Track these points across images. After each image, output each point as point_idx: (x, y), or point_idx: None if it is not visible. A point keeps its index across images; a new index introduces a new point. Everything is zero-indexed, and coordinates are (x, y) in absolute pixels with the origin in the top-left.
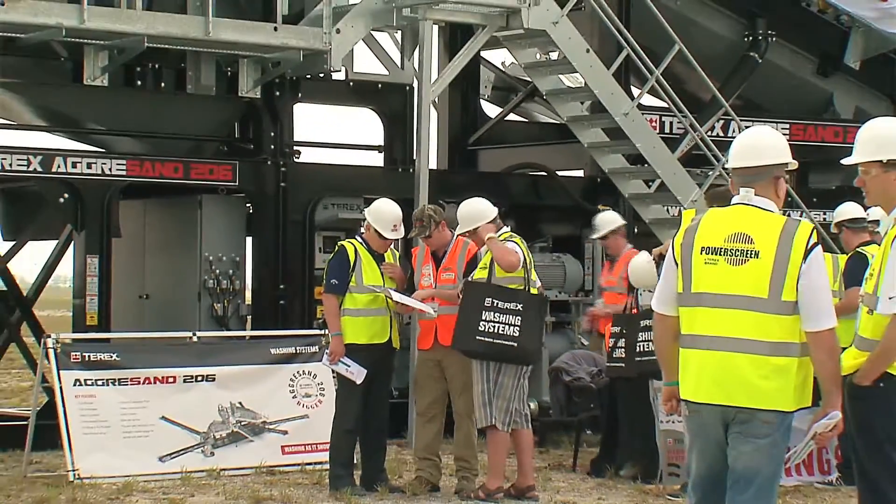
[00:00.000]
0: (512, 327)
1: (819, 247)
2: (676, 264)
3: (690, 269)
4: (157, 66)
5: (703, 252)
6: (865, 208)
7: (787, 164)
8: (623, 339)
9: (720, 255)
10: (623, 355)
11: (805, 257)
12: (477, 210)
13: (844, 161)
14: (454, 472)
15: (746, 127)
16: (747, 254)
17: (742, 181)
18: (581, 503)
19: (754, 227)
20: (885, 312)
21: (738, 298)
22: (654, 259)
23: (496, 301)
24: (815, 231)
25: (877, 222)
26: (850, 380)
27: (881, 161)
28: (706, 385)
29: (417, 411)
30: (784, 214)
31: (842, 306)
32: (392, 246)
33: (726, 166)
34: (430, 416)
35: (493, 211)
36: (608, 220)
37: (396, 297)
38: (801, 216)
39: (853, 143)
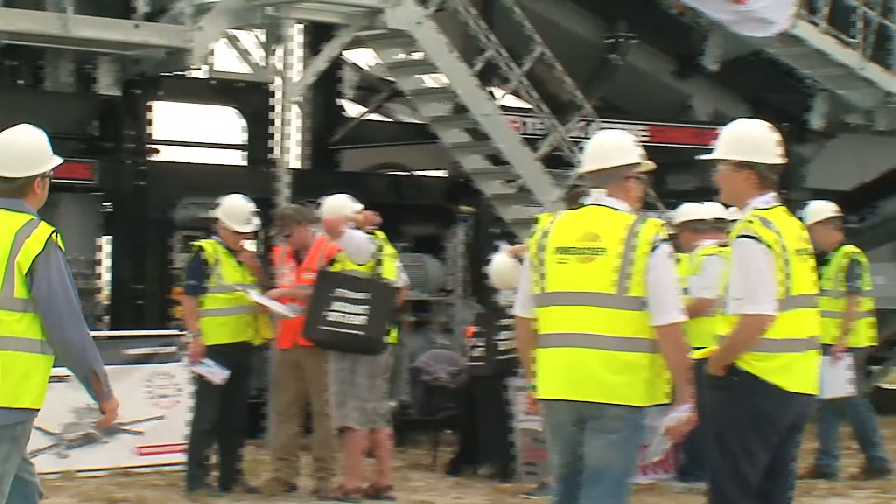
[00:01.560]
0: (359, 317)
1: (666, 242)
2: (533, 265)
3: (544, 270)
4: (14, 62)
5: (556, 252)
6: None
7: (636, 164)
8: (482, 338)
9: (571, 254)
10: (482, 354)
11: (651, 253)
12: (340, 204)
13: (703, 157)
14: (312, 472)
15: (607, 128)
16: (595, 251)
17: (594, 183)
18: (439, 502)
19: (603, 226)
20: (732, 313)
21: (586, 295)
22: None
23: (345, 291)
24: (662, 228)
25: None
26: (707, 371)
27: (733, 161)
28: (559, 382)
29: (276, 411)
30: (643, 214)
31: (693, 307)
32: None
33: (579, 170)
34: (289, 416)
35: (354, 206)
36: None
37: (255, 297)
38: (658, 217)
39: (710, 145)
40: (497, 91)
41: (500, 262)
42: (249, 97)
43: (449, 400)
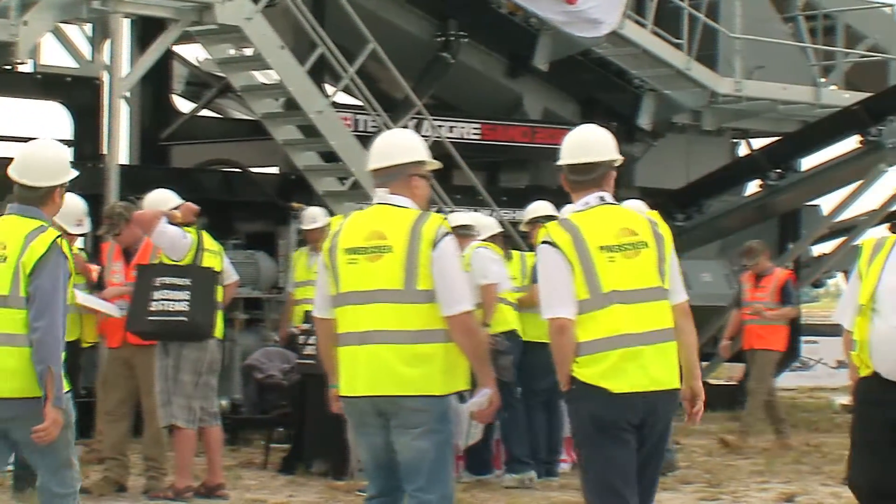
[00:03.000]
0: (181, 302)
1: (450, 235)
2: (327, 267)
3: (337, 271)
4: None
5: (347, 253)
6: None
7: (420, 162)
8: (314, 336)
9: (359, 254)
10: (314, 352)
11: (434, 247)
12: (161, 198)
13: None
14: (142, 471)
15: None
16: (382, 249)
17: (379, 181)
18: (271, 500)
19: (388, 224)
20: (543, 317)
21: (377, 293)
22: None
23: (165, 279)
24: (444, 222)
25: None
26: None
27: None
28: (359, 379)
29: (105, 410)
30: (436, 212)
31: (526, 299)
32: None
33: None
34: (119, 415)
35: (174, 201)
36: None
37: (81, 297)
38: (490, 215)
39: (541, 144)
40: (329, 88)
41: None
42: (77, 92)
43: (281, 398)
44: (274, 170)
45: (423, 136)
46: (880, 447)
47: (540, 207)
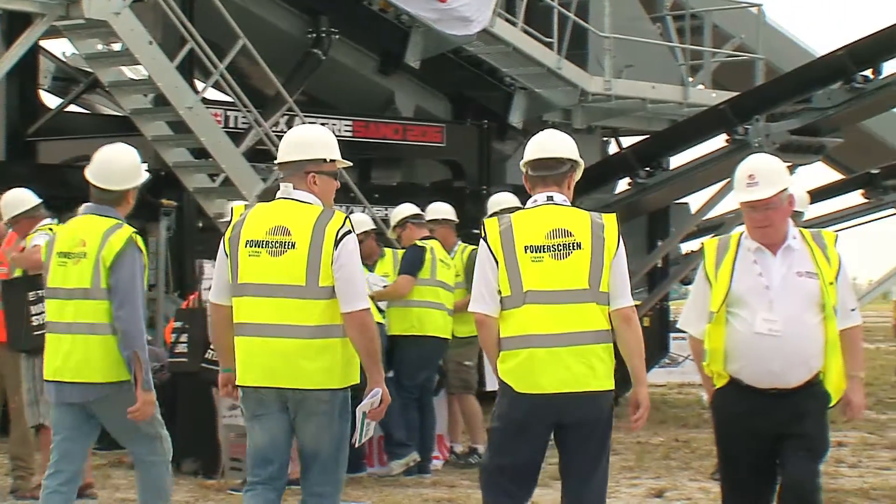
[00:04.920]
0: None
1: (351, 234)
2: (227, 256)
3: (237, 262)
4: None
5: (248, 245)
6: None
7: (327, 160)
8: (186, 334)
9: (262, 247)
10: (186, 350)
11: (336, 245)
12: (17, 199)
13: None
14: (9, 471)
15: (310, 123)
16: (285, 245)
17: (286, 176)
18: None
19: (292, 219)
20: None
21: (279, 287)
22: None
23: (39, 291)
24: (347, 220)
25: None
26: None
27: None
28: (259, 370)
29: None
30: (342, 209)
31: (388, 292)
32: None
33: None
34: None
35: (33, 200)
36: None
37: None
38: (363, 211)
39: (413, 141)
40: (199, 84)
41: None
42: None
43: None
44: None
45: None
46: (749, 464)
47: (405, 209)
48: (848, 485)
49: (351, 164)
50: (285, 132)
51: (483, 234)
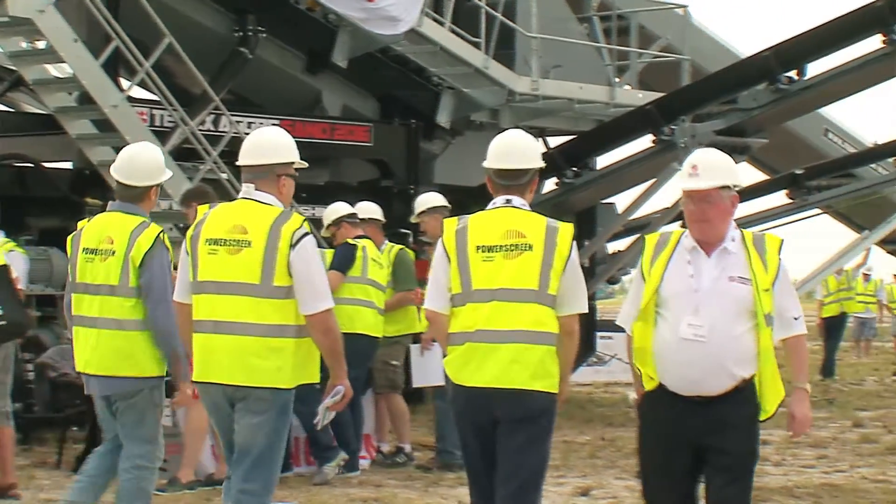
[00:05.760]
0: None
1: (309, 236)
2: (188, 254)
3: (197, 259)
4: None
5: (208, 243)
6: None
7: (290, 163)
8: None
9: (220, 245)
10: None
11: (293, 246)
12: None
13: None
14: None
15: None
16: (241, 243)
17: (247, 177)
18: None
19: (250, 219)
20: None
21: (235, 285)
22: None
23: None
24: (305, 223)
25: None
26: None
27: None
28: (212, 366)
29: None
30: (292, 209)
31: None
32: None
33: (237, 163)
34: None
35: None
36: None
37: None
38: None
39: (340, 140)
40: (125, 82)
41: None
42: None
43: (76, 396)
44: (68, 165)
45: (220, 132)
46: (675, 471)
47: (342, 207)
48: (772, 483)
49: (307, 164)
50: (212, 131)
51: (441, 235)
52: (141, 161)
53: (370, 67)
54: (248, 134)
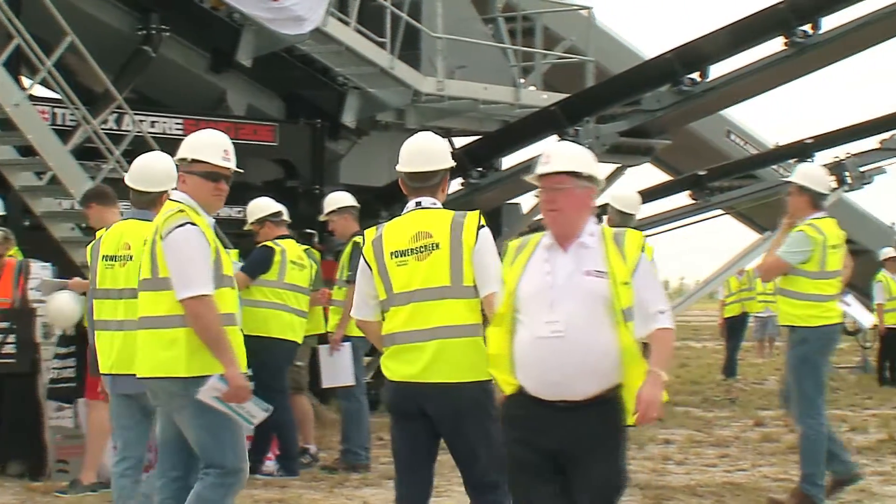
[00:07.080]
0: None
1: (179, 230)
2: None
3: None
4: None
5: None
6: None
7: (188, 160)
8: (14, 335)
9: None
10: (13, 351)
11: (163, 238)
12: None
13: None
14: None
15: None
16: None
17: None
18: None
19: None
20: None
21: (141, 282)
22: None
23: None
24: (178, 214)
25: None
26: None
27: None
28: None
29: None
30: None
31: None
32: None
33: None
34: None
35: None
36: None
37: None
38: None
39: (245, 140)
40: (26, 81)
41: (62, 302)
42: None
43: None
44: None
45: (123, 131)
46: (537, 479)
47: (267, 205)
48: (675, 482)
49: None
50: (115, 130)
51: (360, 244)
52: (154, 168)
53: (275, 67)
54: (151, 133)
